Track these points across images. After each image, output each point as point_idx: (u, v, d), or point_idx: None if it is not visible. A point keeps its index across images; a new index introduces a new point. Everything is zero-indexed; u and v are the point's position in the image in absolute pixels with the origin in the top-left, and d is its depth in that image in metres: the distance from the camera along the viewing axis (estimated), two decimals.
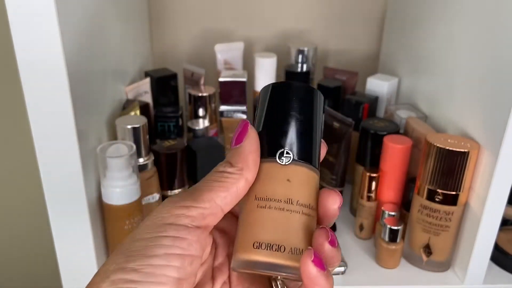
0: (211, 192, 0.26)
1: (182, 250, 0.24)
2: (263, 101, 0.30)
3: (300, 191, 0.27)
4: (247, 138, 0.27)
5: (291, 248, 0.26)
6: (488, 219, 0.53)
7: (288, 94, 0.29)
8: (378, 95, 0.75)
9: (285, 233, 0.26)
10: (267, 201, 0.27)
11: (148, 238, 0.24)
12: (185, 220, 0.25)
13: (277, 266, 0.26)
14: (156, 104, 0.75)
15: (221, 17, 0.91)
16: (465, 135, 0.57)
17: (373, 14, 0.92)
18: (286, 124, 0.28)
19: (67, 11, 0.45)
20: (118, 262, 0.24)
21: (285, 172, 0.27)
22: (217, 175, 0.27)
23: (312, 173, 0.28)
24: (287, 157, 0.28)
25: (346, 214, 0.71)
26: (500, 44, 0.50)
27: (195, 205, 0.25)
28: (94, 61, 0.55)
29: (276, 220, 0.26)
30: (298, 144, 0.28)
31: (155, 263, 0.23)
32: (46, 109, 0.45)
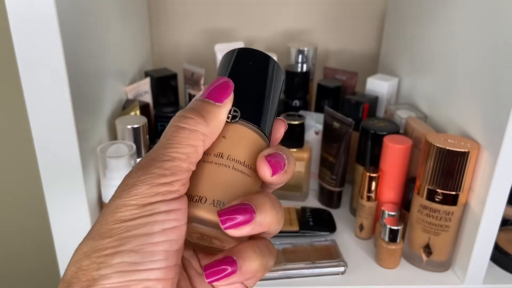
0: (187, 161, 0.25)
1: (177, 222, 0.24)
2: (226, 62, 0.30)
3: (234, 148, 0.27)
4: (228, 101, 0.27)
5: (213, 200, 0.25)
6: (488, 219, 0.53)
7: (249, 59, 0.29)
8: (378, 95, 0.75)
9: (209, 185, 0.26)
10: (205, 155, 0.26)
11: (140, 217, 0.23)
12: (172, 194, 0.24)
13: (197, 216, 0.25)
14: (156, 104, 0.75)
15: (221, 17, 0.91)
16: (465, 135, 0.57)
17: (373, 14, 0.92)
18: (241, 85, 0.28)
19: (67, 11, 0.45)
20: (112, 246, 0.23)
21: (225, 129, 0.27)
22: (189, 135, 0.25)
23: (254, 135, 0.28)
24: (234, 116, 0.27)
25: (346, 214, 0.71)
26: (500, 44, 0.50)
27: (177, 178, 0.24)
28: (94, 61, 0.55)
29: (203, 173, 0.26)
30: (248, 105, 0.28)
31: (155, 240, 0.23)
32: (46, 109, 0.45)
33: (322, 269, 0.58)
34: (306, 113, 0.77)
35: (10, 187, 0.96)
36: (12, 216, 0.98)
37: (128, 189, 0.24)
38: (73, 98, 0.46)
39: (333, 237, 0.65)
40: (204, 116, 0.26)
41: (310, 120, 0.74)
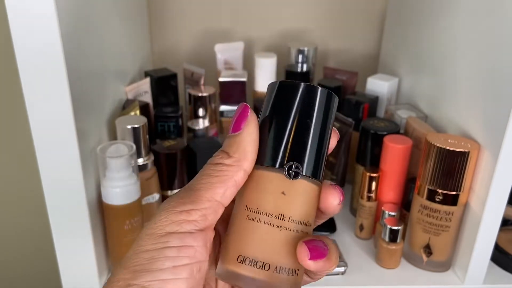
0: (210, 190, 0.25)
1: (189, 259, 0.24)
2: (269, 100, 0.27)
3: (295, 206, 0.26)
4: (247, 125, 0.26)
5: (276, 266, 0.25)
6: (488, 219, 0.53)
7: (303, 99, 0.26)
8: (378, 95, 0.75)
9: (272, 250, 0.25)
10: (258, 213, 0.25)
11: (152, 250, 0.23)
12: (188, 226, 0.24)
13: (259, 283, 0.25)
14: (156, 104, 0.75)
15: (221, 17, 0.91)
16: (465, 135, 0.57)
17: (373, 14, 0.92)
18: (296, 133, 0.26)
19: (67, 11, 0.45)
20: (125, 279, 0.23)
21: (283, 184, 0.26)
22: (213, 168, 0.25)
23: (313, 187, 0.26)
24: (296, 173, 0.26)
25: (346, 214, 0.71)
26: (501, 44, 0.50)
27: (195, 207, 0.24)
28: (94, 61, 0.55)
29: (264, 236, 0.25)
30: (308, 159, 0.26)
31: (163, 278, 0.23)
32: (46, 109, 0.45)
33: None
34: None
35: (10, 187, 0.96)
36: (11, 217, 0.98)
37: (152, 217, 0.25)
38: (73, 98, 0.45)
39: (333, 237, 0.65)
40: (226, 151, 0.26)
41: None
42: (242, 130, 0.26)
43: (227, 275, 0.26)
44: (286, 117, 0.26)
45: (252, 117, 0.26)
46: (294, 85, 0.26)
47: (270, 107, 0.27)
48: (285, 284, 0.25)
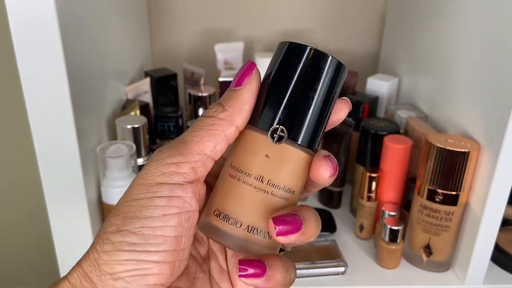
0: (200, 144, 0.25)
1: (178, 209, 0.24)
2: (275, 60, 0.26)
3: (276, 171, 0.25)
4: (249, 82, 0.26)
5: (248, 226, 0.25)
6: (488, 219, 0.53)
7: (306, 63, 0.25)
8: (378, 95, 0.75)
9: (246, 209, 0.25)
10: (239, 172, 0.25)
11: (143, 199, 0.24)
12: (177, 178, 0.25)
13: (231, 240, 0.25)
14: (156, 104, 0.75)
15: (221, 17, 0.90)
16: (465, 135, 0.57)
17: (373, 14, 0.92)
18: (293, 98, 0.25)
19: (67, 11, 0.45)
20: (117, 224, 0.24)
21: (268, 147, 0.25)
22: (205, 121, 0.26)
23: (301, 154, 0.26)
24: (280, 136, 0.25)
25: (346, 214, 0.71)
26: (501, 44, 0.50)
27: (185, 160, 0.25)
28: (94, 61, 0.55)
29: (240, 194, 0.25)
30: (299, 126, 0.25)
31: (152, 225, 0.24)
32: (46, 109, 0.45)
33: (322, 269, 0.58)
34: None
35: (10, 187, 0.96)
36: (12, 216, 0.98)
37: (143, 168, 0.26)
38: (73, 98, 0.45)
39: (333, 237, 0.65)
40: (222, 104, 0.26)
41: None
42: (243, 86, 0.26)
43: (204, 227, 0.26)
44: (285, 80, 0.25)
45: (255, 75, 0.26)
46: (302, 48, 0.25)
47: (274, 68, 0.26)
48: (257, 245, 0.26)
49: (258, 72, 0.26)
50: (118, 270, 0.23)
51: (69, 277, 0.24)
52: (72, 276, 0.24)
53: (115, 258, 0.23)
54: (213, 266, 0.29)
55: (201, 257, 0.29)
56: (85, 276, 0.24)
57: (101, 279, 0.23)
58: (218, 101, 0.26)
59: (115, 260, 0.23)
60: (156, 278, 0.24)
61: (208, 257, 0.30)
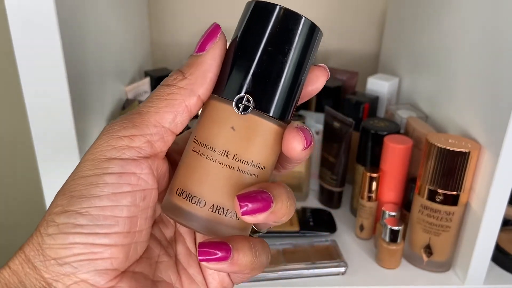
0: (156, 115, 0.22)
1: (130, 186, 0.22)
2: (241, 22, 0.24)
3: (243, 144, 0.23)
4: (212, 47, 0.23)
5: (213, 205, 0.23)
6: (489, 219, 0.53)
7: (275, 23, 0.23)
8: (379, 95, 0.75)
9: (210, 188, 0.23)
10: (202, 146, 0.23)
11: (91, 175, 0.22)
12: (130, 152, 0.22)
13: (194, 220, 0.23)
14: None
15: (221, 17, 0.90)
16: (465, 135, 0.57)
17: (373, 14, 0.92)
18: (261, 64, 0.22)
19: (67, 11, 0.44)
20: (62, 205, 0.22)
21: (234, 118, 0.23)
22: (164, 90, 0.23)
23: (271, 126, 0.23)
24: (245, 106, 0.22)
25: (346, 214, 0.71)
26: (501, 43, 0.50)
27: (139, 133, 0.22)
28: (94, 61, 0.55)
29: (204, 171, 0.23)
30: (267, 94, 0.23)
31: (101, 204, 0.21)
32: (46, 108, 0.45)
33: (322, 270, 0.58)
34: (307, 113, 0.76)
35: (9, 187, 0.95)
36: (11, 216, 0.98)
37: (93, 143, 0.23)
38: (73, 98, 0.45)
39: (334, 238, 0.65)
40: (182, 72, 0.23)
41: (311, 120, 0.74)
42: (206, 51, 0.23)
43: (167, 207, 0.24)
44: (252, 43, 0.23)
45: (220, 40, 0.23)
46: (270, 7, 0.23)
47: (239, 30, 0.24)
48: (224, 227, 0.23)
49: (223, 36, 0.24)
50: (63, 254, 0.21)
51: (10, 263, 0.22)
52: (13, 263, 0.22)
53: (60, 242, 0.21)
54: (180, 250, 0.27)
55: (166, 240, 0.27)
56: (28, 262, 0.22)
57: (45, 264, 0.21)
58: (178, 68, 0.24)
59: (60, 243, 0.21)
60: (107, 263, 0.22)
61: (174, 240, 0.27)
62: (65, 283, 0.21)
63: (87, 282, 0.21)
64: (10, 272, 0.22)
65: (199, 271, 0.27)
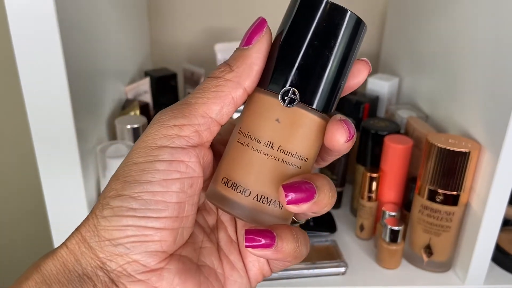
0: (204, 106, 0.23)
1: (179, 174, 0.23)
2: (287, 15, 0.24)
3: (287, 136, 0.24)
4: (259, 41, 0.24)
5: (257, 194, 0.24)
6: (489, 219, 0.53)
7: (321, 18, 0.23)
8: (379, 95, 0.75)
9: (255, 177, 0.24)
10: (248, 138, 0.24)
11: (143, 162, 0.23)
12: (179, 141, 0.23)
13: (238, 208, 0.24)
14: (156, 104, 0.75)
15: (221, 16, 0.90)
16: (466, 135, 0.57)
17: (373, 14, 0.92)
18: (307, 58, 0.23)
19: (67, 11, 0.44)
20: (116, 188, 0.23)
21: (279, 111, 0.23)
22: (211, 82, 0.24)
23: (315, 118, 0.24)
24: (291, 99, 0.23)
25: (346, 214, 0.71)
26: (502, 44, 0.50)
27: (188, 122, 0.23)
28: (93, 61, 0.55)
29: (249, 162, 0.24)
30: (312, 87, 0.23)
31: (153, 190, 0.23)
32: (46, 109, 0.45)
33: (322, 270, 0.58)
34: None
35: (9, 187, 0.95)
36: (11, 216, 0.98)
37: (145, 130, 0.24)
38: (73, 98, 0.45)
39: (334, 238, 0.65)
40: (229, 65, 0.24)
41: None
42: (253, 45, 0.24)
43: (212, 195, 0.25)
44: (298, 37, 0.23)
45: (266, 33, 0.24)
46: (317, 1, 0.23)
47: (286, 24, 0.24)
48: (267, 215, 0.24)
49: (269, 30, 0.24)
50: (117, 236, 0.22)
51: (68, 242, 0.23)
52: (70, 242, 0.23)
53: (114, 224, 0.22)
54: (222, 237, 0.28)
55: (209, 227, 0.28)
56: (84, 242, 0.23)
57: (100, 245, 0.22)
58: (225, 61, 0.25)
59: (114, 225, 0.22)
60: (157, 245, 0.23)
61: (216, 228, 0.28)
62: (118, 263, 0.23)
63: (139, 263, 0.23)
64: (68, 251, 0.23)
65: (239, 258, 0.28)
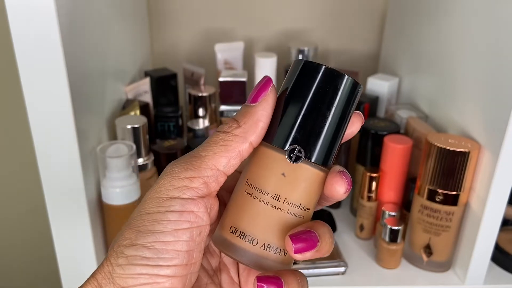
0: (213, 159, 0.25)
1: (189, 223, 0.25)
2: (291, 78, 0.27)
3: (293, 190, 0.26)
4: (264, 99, 0.26)
5: (264, 243, 0.26)
6: (488, 219, 0.53)
7: (323, 82, 0.25)
8: (379, 95, 0.75)
9: (262, 227, 0.26)
10: (255, 190, 0.26)
11: (155, 213, 0.25)
12: (189, 192, 0.25)
13: (247, 256, 0.26)
14: (156, 104, 0.75)
15: (221, 17, 0.90)
16: (465, 135, 0.57)
17: (373, 14, 0.92)
18: (310, 118, 0.25)
19: (67, 11, 0.45)
20: (130, 238, 0.24)
21: (284, 166, 0.26)
22: (220, 136, 0.26)
23: (317, 172, 0.26)
24: (297, 157, 0.25)
25: (346, 214, 0.71)
26: (501, 44, 0.50)
27: (197, 175, 0.25)
28: (93, 61, 0.55)
29: (257, 213, 0.26)
30: (315, 145, 0.26)
31: (165, 240, 0.24)
32: (46, 109, 0.45)
33: (322, 269, 0.58)
34: None
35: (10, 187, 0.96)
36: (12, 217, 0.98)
37: (157, 180, 0.26)
38: (73, 98, 0.45)
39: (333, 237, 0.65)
40: (237, 120, 0.26)
41: None
42: (259, 102, 0.26)
43: (219, 242, 0.27)
44: (301, 99, 0.26)
45: (272, 92, 0.26)
46: (317, 67, 0.26)
47: (289, 86, 0.26)
48: (272, 262, 0.26)
49: (274, 89, 0.26)
50: (131, 283, 0.24)
51: None
52: None
53: (128, 272, 0.24)
54: (224, 279, 0.30)
55: (212, 269, 0.30)
56: None
57: None
58: (233, 116, 0.27)
59: (128, 274, 0.24)
60: None
61: (219, 270, 0.30)
62: None
63: None
64: None
65: None
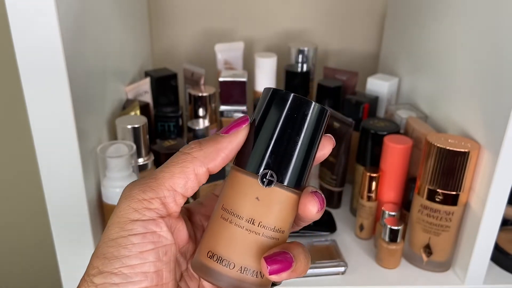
0: (170, 180, 0.26)
1: (153, 244, 0.25)
2: (261, 106, 0.28)
3: (267, 213, 0.26)
4: (234, 134, 0.27)
5: (241, 267, 0.26)
6: (488, 219, 0.53)
7: (291, 110, 0.26)
8: (379, 95, 0.75)
9: (238, 251, 0.26)
10: (231, 214, 0.26)
11: (119, 238, 0.25)
12: (149, 213, 0.25)
13: (225, 280, 0.26)
14: (156, 104, 0.75)
15: (221, 17, 0.90)
16: (465, 135, 0.57)
17: (373, 14, 0.92)
18: (281, 144, 0.26)
19: (68, 11, 0.45)
20: (98, 266, 0.25)
21: (258, 190, 0.26)
22: (180, 157, 0.26)
23: (290, 195, 0.27)
24: (269, 181, 0.26)
25: (346, 214, 0.71)
26: (501, 44, 0.50)
27: (155, 196, 0.25)
28: (94, 61, 0.55)
29: (233, 237, 0.26)
30: (287, 169, 0.26)
31: (131, 263, 0.24)
32: (46, 109, 0.45)
33: (322, 269, 0.58)
34: None
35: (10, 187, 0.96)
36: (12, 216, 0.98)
37: (117, 205, 0.26)
38: (73, 98, 0.45)
39: (333, 237, 0.65)
40: (200, 143, 0.27)
41: None
42: (228, 134, 0.27)
43: (198, 267, 0.27)
44: (271, 126, 0.26)
45: (243, 130, 0.27)
46: (285, 95, 0.27)
47: (259, 113, 0.27)
48: (249, 285, 0.27)
49: (247, 128, 0.27)
50: None
51: None
52: None
53: None
54: None
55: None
56: None
57: None
58: (200, 139, 0.27)
59: None
60: None
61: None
62: None
63: None
64: None
65: None
